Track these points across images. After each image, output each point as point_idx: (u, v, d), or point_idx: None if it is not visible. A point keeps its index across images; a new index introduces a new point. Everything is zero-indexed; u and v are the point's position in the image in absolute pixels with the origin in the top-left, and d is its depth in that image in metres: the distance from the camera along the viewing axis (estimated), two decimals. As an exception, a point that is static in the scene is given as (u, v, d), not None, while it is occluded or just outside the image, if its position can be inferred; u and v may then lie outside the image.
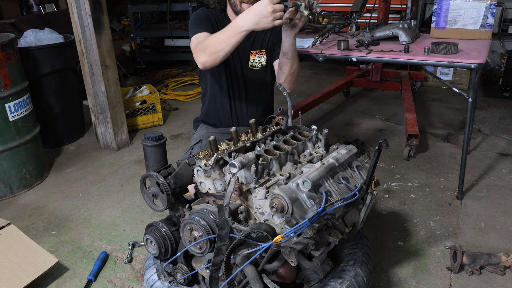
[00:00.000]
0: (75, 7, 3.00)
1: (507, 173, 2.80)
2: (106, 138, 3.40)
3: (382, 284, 1.89)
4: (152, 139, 1.45)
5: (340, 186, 1.36)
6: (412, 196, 2.58)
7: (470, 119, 2.34)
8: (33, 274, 1.87)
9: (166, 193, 1.38)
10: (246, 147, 1.49)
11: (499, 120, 3.74)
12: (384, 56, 2.37)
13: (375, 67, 4.30)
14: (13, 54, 2.68)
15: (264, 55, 2.03)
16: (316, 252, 1.30)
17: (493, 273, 1.92)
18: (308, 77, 5.41)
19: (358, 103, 4.36)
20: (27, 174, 2.82)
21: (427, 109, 4.06)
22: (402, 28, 2.58)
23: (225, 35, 1.63)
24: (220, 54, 1.66)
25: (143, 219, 2.45)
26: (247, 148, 1.49)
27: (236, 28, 1.59)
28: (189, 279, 1.53)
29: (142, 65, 5.75)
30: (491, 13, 2.57)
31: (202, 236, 1.31)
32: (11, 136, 2.67)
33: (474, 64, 2.16)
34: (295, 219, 1.22)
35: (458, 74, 4.51)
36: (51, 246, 2.24)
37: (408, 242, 2.16)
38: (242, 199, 1.34)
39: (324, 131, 1.57)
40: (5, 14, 5.55)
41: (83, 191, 2.80)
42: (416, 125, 3.13)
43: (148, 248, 1.53)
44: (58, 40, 3.36)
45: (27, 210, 2.59)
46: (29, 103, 2.84)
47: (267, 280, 1.35)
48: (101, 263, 2.05)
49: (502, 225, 2.27)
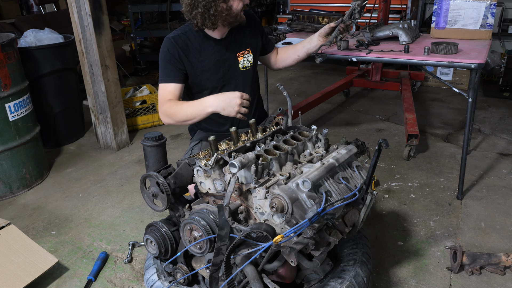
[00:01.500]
0: (75, 7, 3.00)
1: (507, 173, 2.80)
2: (106, 138, 3.40)
3: (382, 284, 1.89)
4: (152, 139, 1.45)
5: (340, 186, 1.36)
6: (412, 196, 2.58)
7: (470, 119, 2.34)
8: (33, 274, 1.87)
9: (166, 193, 1.38)
10: (246, 147, 1.49)
11: (499, 120, 3.74)
12: (384, 56, 2.37)
13: (375, 67, 4.30)
14: (13, 54, 2.68)
15: (250, 53, 2.01)
16: (316, 252, 1.30)
17: (493, 273, 1.92)
18: (308, 77, 5.40)
19: (358, 103, 4.35)
20: (27, 174, 2.82)
21: (427, 109, 4.06)
22: (402, 28, 2.58)
23: (193, 110, 1.75)
24: (187, 123, 1.82)
25: (143, 219, 2.45)
26: (247, 148, 1.49)
27: (204, 107, 1.73)
28: (189, 279, 1.53)
29: (142, 65, 5.75)
30: (491, 13, 2.57)
31: (202, 236, 1.31)
32: (11, 136, 2.67)
33: (474, 64, 2.16)
34: (295, 219, 1.22)
35: (458, 74, 4.51)
36: (51, 246, 2.24)
37: (408, 242, 2.16)
38: (242, 199, 1.34)
39: (324, 131, 1.57)
40: (5, 14, 5.55)
41: (83, 191, 2.80)
42: (416, 125, 3.13)
43: (148, 248, 1.53)
44: (58, 40, 3.36)
45: (27, 210, 2.59)
46: (29, 103, 2.84)
47: (267, 280, 1.35)
48: (101, 263, 2.06)
49: (502, 225, 2.27)
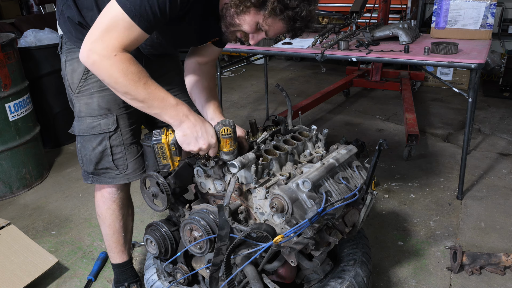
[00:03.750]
0: (75, 7, 3.00)
1: (507, 173, 2.80)
2: (106, 138, 3.39)
3: (382, 284, 1.89)
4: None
5: (340, 186, 1.36)
6: (412, 196, 2.58)
7: (470, 119, 2.34)
8: (33, 274, 1.87)
9: (166, 193, 1.38)
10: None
11: (499, 120, 3.74)
12: (384, 56, 2.37)
13: (375, 67, 4.30)
14: (13, 54, 2.68)
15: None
16: (316, 252, 1.30)
17: (493, 273, 1.92)
18: (308, 77, 5.40)
19: (358, 103, 4.35)
20: (27, 174, 2.82)
21: (427, 109, 4.06)
22: (402, 28, 2.58)
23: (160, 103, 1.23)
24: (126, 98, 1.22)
25: (143, 219, 2.45)
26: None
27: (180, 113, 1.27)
28: (189, 279, 1.52)
29: (142, 65, 5.74)
30: (491, 13, 2.57)
31: (202, 236, 1.31)
32: (11, 136, 2.67)
33: (474, 64, 2.16)
34: (295, 219, 1.22)
35: (458, 74, 4.51)
36: (51, 246, 2.24)
37: (408, 242, 2.16)
38: (242, 199, 1.34)
39: (324, 131, 1.57)
40: (5, 14, 5.55)
41: (83, 191, 2.79)
42: (416, 125, 3.13)
43: (148, 248, 1.53)
44: (58, 40, 3.36)
45: (27, 210, 2.59)
46: (29, 103, 2.84)
47: (267, 280, 1.35)
48: (101, 263, 2.05)
49: (502, 225, 2.27)
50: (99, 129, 1.48)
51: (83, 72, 1.44)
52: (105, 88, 1.42)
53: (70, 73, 1.46)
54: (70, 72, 1.46)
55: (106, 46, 1.13)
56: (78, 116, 1.49)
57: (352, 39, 2.74)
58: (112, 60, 1.14)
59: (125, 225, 1.72)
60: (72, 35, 1.44)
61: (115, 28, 1.13)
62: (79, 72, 1.45)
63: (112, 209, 1.65)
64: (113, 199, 1.64)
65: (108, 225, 1.67)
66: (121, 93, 1.21)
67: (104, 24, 1.14)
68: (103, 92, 1.45)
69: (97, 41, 1.14)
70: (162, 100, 1.24)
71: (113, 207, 1.65)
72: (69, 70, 1.46)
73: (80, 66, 1.44)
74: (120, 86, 1.18)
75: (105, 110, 1.47)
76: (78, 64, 1.44)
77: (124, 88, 1.19)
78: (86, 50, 1.15)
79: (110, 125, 1.48)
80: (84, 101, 1.46)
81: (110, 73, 1.16)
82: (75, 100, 1.48)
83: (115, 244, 1.73)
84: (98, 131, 1.48)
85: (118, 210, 1.66)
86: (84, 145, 1.51)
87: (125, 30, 1.14)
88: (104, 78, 1.18)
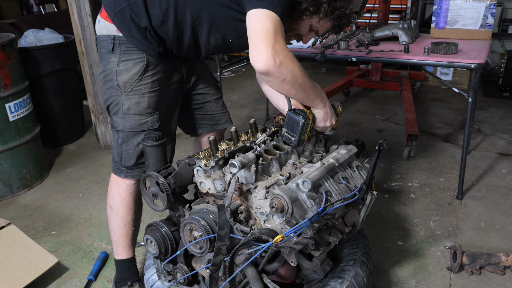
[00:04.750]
0: (75, 7, 3.01)
1: (507, 173, 2.80)
2: (106, 138, 3.40)
3: (382, 284, 1.89)
4: (152, 139, 1.45)
5: (340, 186, 1.36)
6: (412, 196, 2.58)
7: (470, 119, 2.34)
8: (33, 274, 1.87)
9: (166, 193, 1.38)
10: (246, 147, 1.49)
11: (499, 120, 3.74)
12: (384, 56, 2.37)
13: (375, 67, 4.30)
14: (13, 54, 2.68)
15: None
16: (316, 252, 1.30)
17: (493, 273, 1.92)
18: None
19: (358, 103, 4.35)
20: (27, 174, 2.82)
21: (427, 109, 4.06)
22: (402, 28, 2.58)
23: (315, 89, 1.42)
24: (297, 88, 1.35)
25: (143, 219, 2.43)
26: (247, 148, 1.49)
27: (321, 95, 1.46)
28: (189, 279, 1.52)
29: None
30: (491, 13, 2.57)
31: (202, 236, 1.31)
32: (11, 136, 2.68)
33: (474, 64, 2.16)
34: (295, 219, 1.22)
35: (458, 74, 4.51)
36: (51, 246, 2.24)
37: (408, 242, 2.16)
38: (242, 199, 1.34)
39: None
40: (5, 14, 5.55)
41: (83, 191, 2.80)
42: (416, 125, 3.14)
43: (148, 248, 1.53)
44: (58, 40, 3.36)
45: (27, 210, 2.59)
46: (29, 103, 2.84)
47: (267, 280, 1.35)
48: (101, 263, 2.06)
49: (502, 225, 2.27)
50: (146, 126, 1.57)
51: (139, 73, 1.52)
52: (154, 90, 1.56)
53: (123, 72, 1.51)
54: (124, 71, 1.51)
55: (282, 47, 1.25)
56: (125, 113, 1.55)
57: (352, 39, 2.74)
58: (290, 56, 1.27)
59: (136, 219, 1.77)
60: (133, 37, 1.48)
61: (278, 30, 1.26)
62: (134, 72, 1.52)
63: (127, 201, 1.70)
64: (130, 191, 1.69)
65: (121, 217, 1.71)
66: (297, 84, 1.33)
67: (271, 28, 1.24)
68: (153, 93, 1.56)
69: (275, 44, 1.23)
70: (314, 86, 1.42)
71: (128, 199, 1.70)
72: (122, 70, 1.51)
73: (136, 67, 1.51)
74: (298, 78, 1.32)
75: (152, 109, 1.57)
76: (134, 65, 1.51)
77: (300, 79, 1.33)
78: (270, 55, 1.22)
79: (155, 122, 1.59)
80: (136, 99, 1.54)
81: (292, 68, 1.28)
82: (124, 98, 1.54)
83: (124, 238, 1.76)
84: (145, 127, 1.57)
85: (132, 203, 1.71)
86: (128, 141, 1.59)
87: (282, 29, 1.28)
88: (287, 75, 1.28)
